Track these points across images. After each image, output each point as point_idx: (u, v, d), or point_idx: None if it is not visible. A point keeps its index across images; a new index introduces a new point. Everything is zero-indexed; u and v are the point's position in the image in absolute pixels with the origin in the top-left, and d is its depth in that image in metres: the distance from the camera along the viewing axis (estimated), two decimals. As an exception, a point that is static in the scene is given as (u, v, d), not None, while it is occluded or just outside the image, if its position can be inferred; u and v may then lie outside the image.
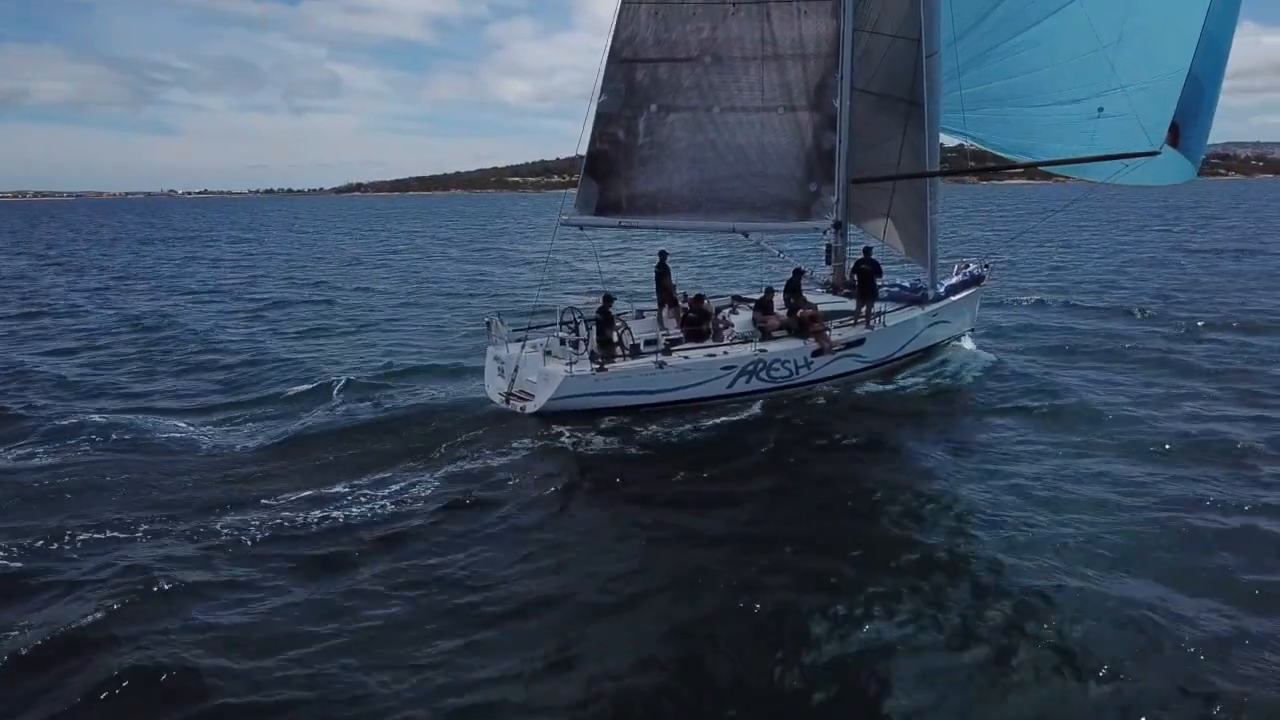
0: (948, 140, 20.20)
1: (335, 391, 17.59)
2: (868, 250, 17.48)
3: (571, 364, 14.52)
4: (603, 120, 18.28)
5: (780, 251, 21.26)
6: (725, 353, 15.60)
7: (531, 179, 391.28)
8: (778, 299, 17.06)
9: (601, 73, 18.12)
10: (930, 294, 18.84)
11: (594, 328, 15.38)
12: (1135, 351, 20.24)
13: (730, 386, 15.53)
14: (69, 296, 36.12)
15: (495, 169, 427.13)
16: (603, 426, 14.53)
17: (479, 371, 17.15)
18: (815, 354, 16.21)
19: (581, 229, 18.24)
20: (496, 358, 15.46)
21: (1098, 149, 18.39)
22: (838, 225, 18.28)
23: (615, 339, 15.19)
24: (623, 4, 18.11)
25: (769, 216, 18.33)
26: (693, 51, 18.15)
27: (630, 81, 18.31)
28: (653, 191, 18.37)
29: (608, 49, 18.12)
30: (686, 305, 16.67)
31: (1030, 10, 18.26)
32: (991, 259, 22.12)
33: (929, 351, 18.96)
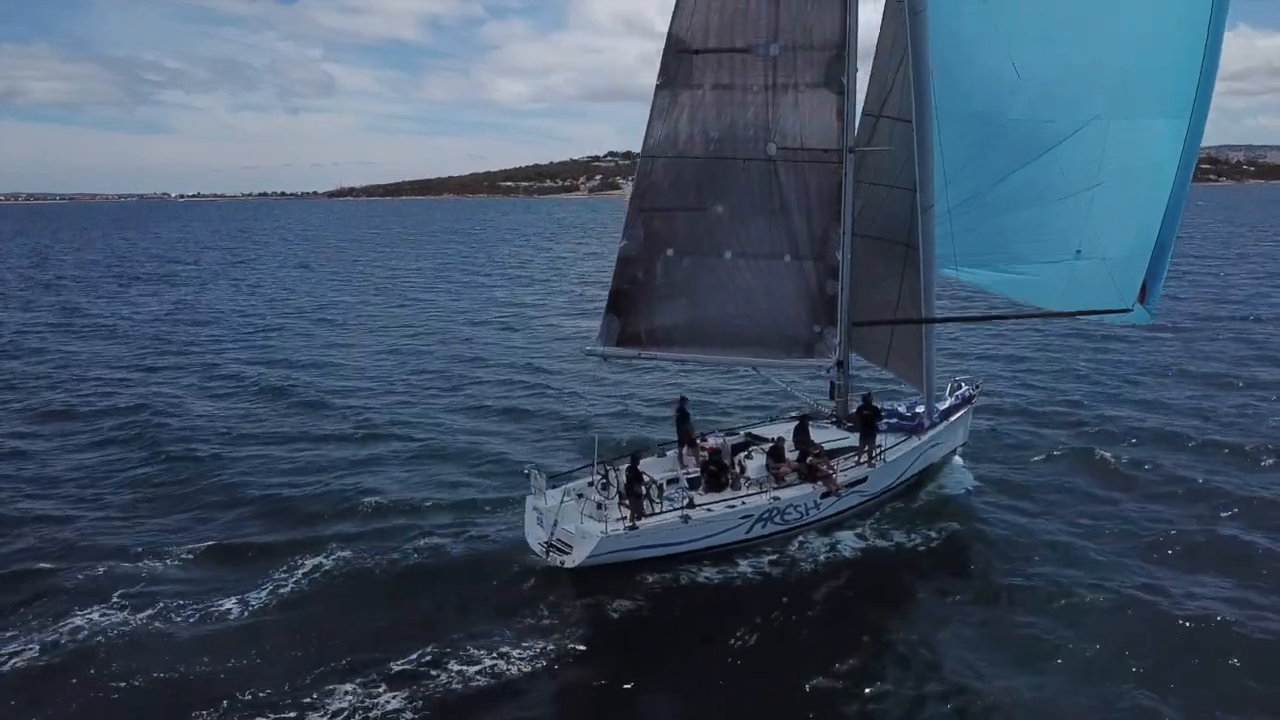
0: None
1: (329, 540, 17.68)
2: (867, 396, 19.13)
3: (606, 523, 16.12)
4: (623, 263, 20.00)
5: (789, 386, 22.88)
6: (743, 502, 17.23)
7: (524, 183, 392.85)
8: (788, 442, 18.64)
9: (624, 219, 19.92)
10: (926, 422, 20.51)
11: (624, 478, 16.94)
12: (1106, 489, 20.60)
13: (749, 532, 17.20)
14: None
15: (488, 173, 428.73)
16: (631, 580, 16.14)
17: (499, 507, 19.07)
18: (824, 496, 17.88)
19: (604, 359, 20.08)
20: (536, 508, 16.99)
21: (1076, 287, 20.11)
22: (840, 364, 19.91)
23: (644, 493, 16.76)
24: (641, 157, 19.85)
25: (776, 353, 19.98)
26: (705, 202, 19.75)
27: (649, 228, 19.95)
28: (669, 326, 20.03)
29: (629, 199, 19.91)
30: (705, 451, 18.26)
31: (1009, 159, 19.64)
32: (981, 383, 23.77)
33: (925, 472, 20.67)
